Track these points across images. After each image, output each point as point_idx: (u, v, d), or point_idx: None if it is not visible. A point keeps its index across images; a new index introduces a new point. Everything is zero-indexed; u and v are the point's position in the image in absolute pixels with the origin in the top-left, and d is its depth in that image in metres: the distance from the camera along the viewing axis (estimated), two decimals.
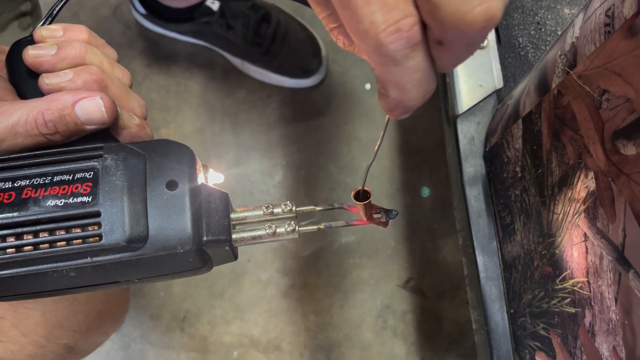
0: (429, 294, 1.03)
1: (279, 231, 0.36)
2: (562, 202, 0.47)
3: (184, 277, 0.35)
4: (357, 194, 0.36)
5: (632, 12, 0.35)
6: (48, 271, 0.31)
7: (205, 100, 1.12)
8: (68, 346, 0.45)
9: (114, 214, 0.31)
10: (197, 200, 0.33)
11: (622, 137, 0.38)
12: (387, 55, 0.25)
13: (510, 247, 0.60)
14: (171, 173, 0.34)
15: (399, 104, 0.28)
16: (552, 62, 0.49)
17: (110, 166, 0.33)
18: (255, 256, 1.04)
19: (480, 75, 0.70)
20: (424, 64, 0.26)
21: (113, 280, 0.33)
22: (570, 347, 0.47)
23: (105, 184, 0.32)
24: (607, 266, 0.41)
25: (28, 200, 0.31)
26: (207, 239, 0.33)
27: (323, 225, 0.37)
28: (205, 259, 0.34)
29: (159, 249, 0.32)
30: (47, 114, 0.33)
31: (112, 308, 0.50)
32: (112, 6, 1.17)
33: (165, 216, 0.32)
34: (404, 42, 0.25)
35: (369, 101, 1.12)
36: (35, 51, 0.35)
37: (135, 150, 0.34)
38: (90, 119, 0.34)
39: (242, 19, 1.05)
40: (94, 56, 0.36)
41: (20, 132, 0.33)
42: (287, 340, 1.01)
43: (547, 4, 0.73)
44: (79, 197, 0.32)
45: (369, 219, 0.37)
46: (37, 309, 0.42)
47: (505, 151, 0.60)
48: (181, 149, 0.35)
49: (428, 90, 0.28)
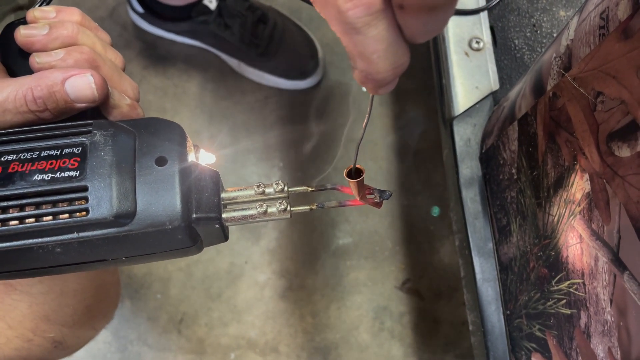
0: (426, 296, 1.03)
1: (270, 210, 0.35)
2: (558, 203, 0.48)
3: (174, 258, 0.34)
4: (350, 172, 0.35)
5: (627, 14, 0.35)
6: (33, 246, 0.31)
7: (202, 102, 1.12)
8: (55, 340, 0.45)
9: (101, 189, 0.31)
10: (187, 177, 0.33)
11: (617, 139, 0.38)
12: (348, 23, 0.25)
13: (506, 248, 0.61)
14: (161, 149, 0.33)
15: (368, 76, 0.27)
16: (548, 64, 0.49)
17: (99, 142, 0.32)
18: (253, 258, 1.04)
19: (476, 77, 0.70)
20: (387, 33, 0.25)
21: (100, 257, 0.33)
22: (566, 348, 0.47)
23: (93, 159, 0.32)
24: (603, 267, 0.41)
25: (14, 175, 0.31)
26: (197, 215, 0.33)
27: (316, 205, 0.36)
28: (194, 237, 0.33)
29: (147, 224, 0.31)
30: (37, 91, 0.33)
31: (102, 302, 0.49)
32: (109, 8, 1.17)
33: (154, 192, 0.32)
34: (363, 9, 0.24)
35: (366, 102, 1.12)
36: (27, 31, 0.35)
37: (125, 127, 0.34)
38: (80, 96, 0.34)
39: (239, 19, 1.05)
40: (86, 37, 0.36)
41: (9, 109, 0.33)
42: (284, 342, 1.01)
43: (543, 6, 0.73)
44: (67, 171, 0.31)
45: (362, 199, 0.36)
46: (24, 300, 0.42)
47: (501, 153, 0.60)
48: (171, 126, 0.35)
49: (397, 62, 0.27)
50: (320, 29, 1.13)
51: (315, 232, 1.06)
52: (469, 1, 0.73)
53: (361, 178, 0.34)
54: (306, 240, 1.05)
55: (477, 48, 0.71)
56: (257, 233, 1.05)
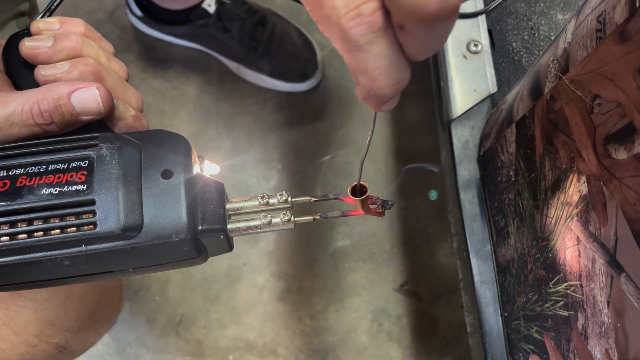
0: (424, 298, 1.03)
1: (274, 221, 0.35)
2: (555, 205, 0.48)
3: (179, 268, 0.35)
4: (354, 190, 0.36)
5: (623, 18, 0.36)
6: (42, 259, 0.31)
7: (201, 104, 1.12)
8: (59, 345, 0.45)
9: (108, 202, 0.31)
10: (192, 189, 0.33)
11: (614, 141, 0.38)
12: (350, 41, 0.25)
13: (504, 250, 0.61)
14: (166, 162, 0.34)
15: (370, 92, 0.28)
16: (545, 67, 0.49)
17: (105, 155, 0.32)
18: (251, 260, 1.04)
19: (474, 80, 0.70)
20: (389, 51, 0.26)
21: (108, 269, 0.33)
22: (564, 350, 0.48)
23: (100, 172, 0.32)
24: (600, 269, 0.41)
25: (22, 189, 0.31)
26: (203, 227, 0.33)
27: (319, 215, 0.37)
28: (200, 249, 0.34)
29: (153, 237, 0.32)
30: (43, 104, 0.33)
31: (105, 307, 0.50)
32: (107, 10, 1.17)
33: (160, 205, 0.32)
34: (365, 27, 0.25)
35: (364, 105, 1.11)
36: (32, 43, 0.35)
37: (131, 140, 0.34)
38: (86, 109, 0.34)
39: (238, 22, 1.05)
40: (90, 48, 0.36)
41: (15, 122, 0.33)
42: (282, 344, 1.01)
43: (541, 9, 0.73)
44: (74, 185, 0.31)
45: (366, 212, 0.37)
46: (29, 306, 0.42)
47: (499, 155, 0.61)
48: (177, 138, 0.35)
49: (399, 78, 0.27)
50: (319, 32, 1.14)
51: (313, 235, 1.06)
52: (467, 4, 0.74)
53: (365, 196, 0.35)
54: (304, 242, 1.05)
55: (475, 51, 0.71)
56: (255, 235, 1.05)
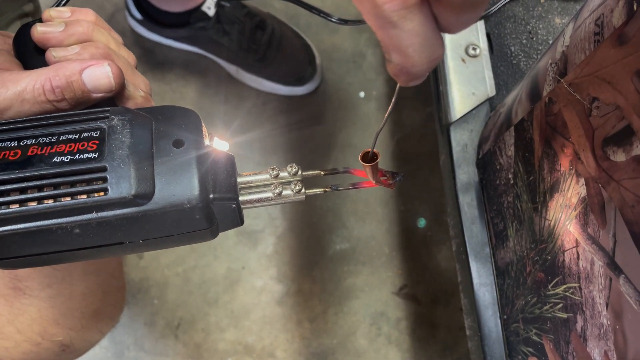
0: (423, 301, 1.03)
1: (285, 193, 0.36)
2: (554, 208, 0.48)
3: (190, 243, 0.35)
4: (365, 155, 0.36)
5: (621, 21, 0.36)
6: (52, 227, 0.31)
7: (200, 107, 1.12)
8: (63, 344, 0.45)
9: (120, 169, 0.31)
10: (204, 158, 0.33)
11: (612, 143, 0.38)
12: (383, 17, 0.25)
13: (503, 253, 0.61)
14: (178, 132, 0.34)
15: (402, 70, 0.27)
16: (544, 70, 0.50)
17: (116, 125, 0.33)
18: (250, 263, 1.04)
19: (473, 84, 0.70)
20: (423, 27, 0.25)
21: (118, 240, 0.33)
22: (563, 352, 0.48)
23: (111, 141, 0.32)
24: (598, 271, 0.41)
25: (34, 157, 0.31)
26: (214, 196, 0.33)
27: (330, 187, 0.37)
28: (211, 219, 0.33)
29: (165, 204, 0.32)
30: (55, 80, 0.33)
31: (108, 306, 0.50)
32: (107, 14, 1.18)
33: (172, 172, 0.32)
34: (399, 3, 0.24)
35: (363, 109, 1.12)
36: (44, 28, 0.36)
37: (142, 113, 0.34)
38: (98, 85, 0.34)
39: (237, 25, 1.05)
40: (100, 35, 0.37)
41: (27, 99, 0.33)
42: (281, 347, 1.01)
43: (539, 13, 0.73)
44: (85, 153, 0.32)
45: (376, 182, 0.37)
46: (33, 304, 0.42)
47: (497, 158, 0.61)
48: (187, 112, 0.36)
49: (433, 55, 0.27)
50: (317, 35, 1.14)
51: (312, 238, 1.06)
52: None
53: (376, 162, 0.36)
54: (303, 245, 1.05)
55: (473, 55, 0.72)
56: (254, 238, 1.05)
